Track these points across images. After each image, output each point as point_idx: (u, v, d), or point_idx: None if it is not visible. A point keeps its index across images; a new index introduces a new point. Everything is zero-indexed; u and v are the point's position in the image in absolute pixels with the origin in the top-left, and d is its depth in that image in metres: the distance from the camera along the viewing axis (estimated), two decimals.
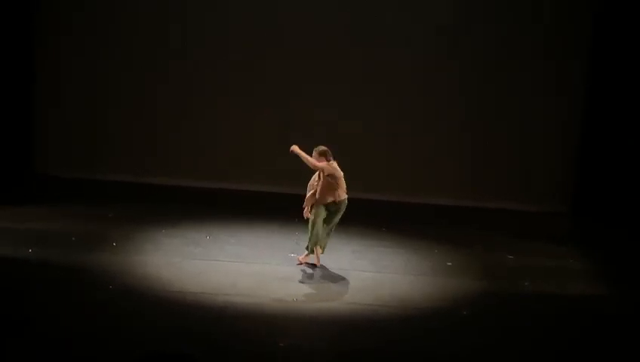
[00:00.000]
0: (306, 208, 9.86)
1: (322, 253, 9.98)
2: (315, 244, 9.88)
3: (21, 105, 12.91)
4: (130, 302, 8.65)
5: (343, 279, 9.69)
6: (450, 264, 10.42)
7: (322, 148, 9.83)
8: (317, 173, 9.86)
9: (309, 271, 9.89)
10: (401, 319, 8.78)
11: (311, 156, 9.76)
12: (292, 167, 13.16)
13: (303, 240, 10.60)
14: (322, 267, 10.03)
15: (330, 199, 9.75)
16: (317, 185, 9.82)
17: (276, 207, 12.27)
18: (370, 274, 9.95)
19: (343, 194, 9.78)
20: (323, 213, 9.79)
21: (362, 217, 11.95)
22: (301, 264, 9.97)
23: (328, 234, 9.93)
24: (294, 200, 12.69)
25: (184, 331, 7.90)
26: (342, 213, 9.83)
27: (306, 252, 9.97)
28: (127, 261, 9.81)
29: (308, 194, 9.89)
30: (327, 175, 9.71)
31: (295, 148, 9.75)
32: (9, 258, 9.60)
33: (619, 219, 12.13)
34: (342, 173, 9.81)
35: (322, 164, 9.71)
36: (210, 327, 8.12)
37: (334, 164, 9.78)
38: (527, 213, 12.76)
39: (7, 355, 7.05)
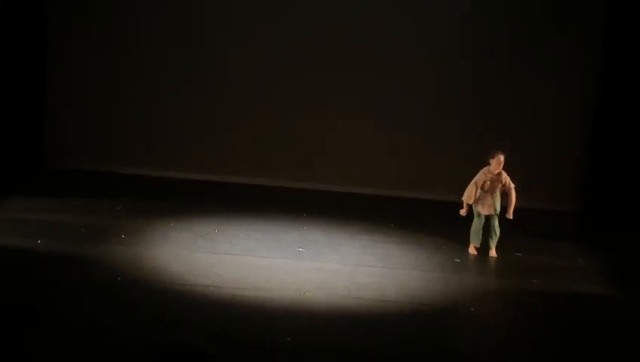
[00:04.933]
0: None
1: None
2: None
3: (33, 97, 12.91)
4: (139, 294, 8.68)
5: (351, 274, 9.69)
6: (458, 261, 10.42)
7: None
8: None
9: (318, 266, 9.92)
10: (408, 315, 8.78)
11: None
12: (301, 161, 13.26)
13: (311, 234, 10.69)
14: (330, 262, 10.05)
15: None
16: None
17: (286, 201, 12.28)
18: (378, 269, 9.96)
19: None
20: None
21: (370, 213, 11.99)
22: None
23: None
24: (304, 194, 12.77)
25: (192, 324, 7.93)
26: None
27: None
28: (136, 253, 9.83)
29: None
30: None
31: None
32: (17, 248, 9.64)
33: (631, 219, 12.08)
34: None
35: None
36: (218, 320, 8.15)
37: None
38: (536, 211, 12.72)
39: (13, 346, 7.08)
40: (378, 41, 13.06)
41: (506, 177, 10.48)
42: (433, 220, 11.79)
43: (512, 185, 10.49)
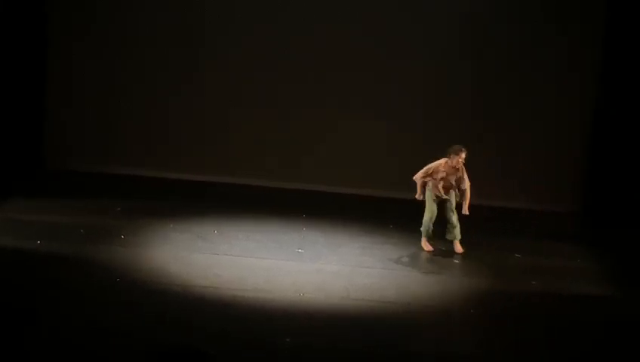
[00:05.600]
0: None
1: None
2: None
3: (33, 98, 12.91)
4: (138, 294, 8.68)
5: (350, 275, 9.69)
6: (457, 262, 10.42)
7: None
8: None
9: (317, 267, 9.91)
10: (407, 316, 8.79)
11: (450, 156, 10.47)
12: (301, 162, 13.26)
13: (311, 235, 10.70)
14: (330, 263, 10.04)
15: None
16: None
17: (285, 202, 12.27)
18: (378, 270, 9.96)
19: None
20: None
21: (370, 214, 11.98)
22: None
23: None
24: (303, 195, 12.77)
25: (191, 325, 7.92)
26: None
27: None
28: (135, 254, 9.83)
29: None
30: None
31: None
32: (17, 248, 9.64)
33: (631, 219, 12.08)
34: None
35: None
36: (218, 321, 8.15)
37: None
38: (537, 211, 12.74)
39: (13, 346, 7.07)
40: (378, 41, 13.06)
41: (463, 173, 10.53)
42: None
43: (468, 183, 10.53)
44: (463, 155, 10.45)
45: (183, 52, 13.15)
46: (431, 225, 10.54)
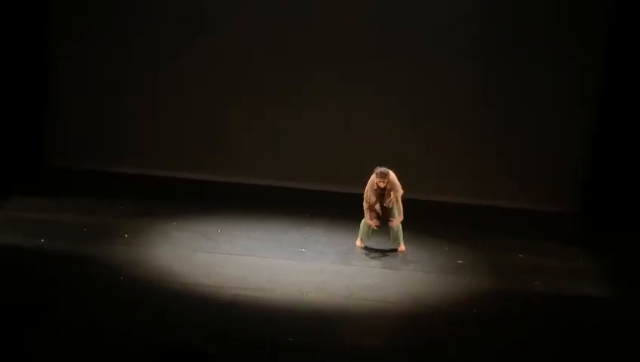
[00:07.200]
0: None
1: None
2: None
3: (33, 97, 12.91)
4: (139, 294, 8.69)
5: (352, 275, 9.70)
6: (460, 262, 10.42)
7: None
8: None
9: (319, 266, 9.92)
10: (410, 316, 8.81)
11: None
12: (303, 161, 13.26)
13: (313, 235, 10.70)
14: (332, 263, 10.04)
15: None
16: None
17: (287, 201, 12.27)
18: (380, 270, 9.97)
19: None
20: None
21: None
22: None
23: None
24: (306, 194, 12.76)
25: (193, 324, 7.94)
26: None
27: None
28: (138, 253, 9.84)
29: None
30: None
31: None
32: (20, 247, 9.64)
33: (631, 220, 12.08)
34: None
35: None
36: (219, 320, 8.16)
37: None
38: (538, 212, 12.74)
39: (18, 345, 7.08)
40: (380, 42, 13.05)
41: (395, 194, 10.49)
42: (435, 221, 11.79)
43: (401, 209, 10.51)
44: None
45: (182, 51, 13.13)
46: (370, 232, 10.59)
